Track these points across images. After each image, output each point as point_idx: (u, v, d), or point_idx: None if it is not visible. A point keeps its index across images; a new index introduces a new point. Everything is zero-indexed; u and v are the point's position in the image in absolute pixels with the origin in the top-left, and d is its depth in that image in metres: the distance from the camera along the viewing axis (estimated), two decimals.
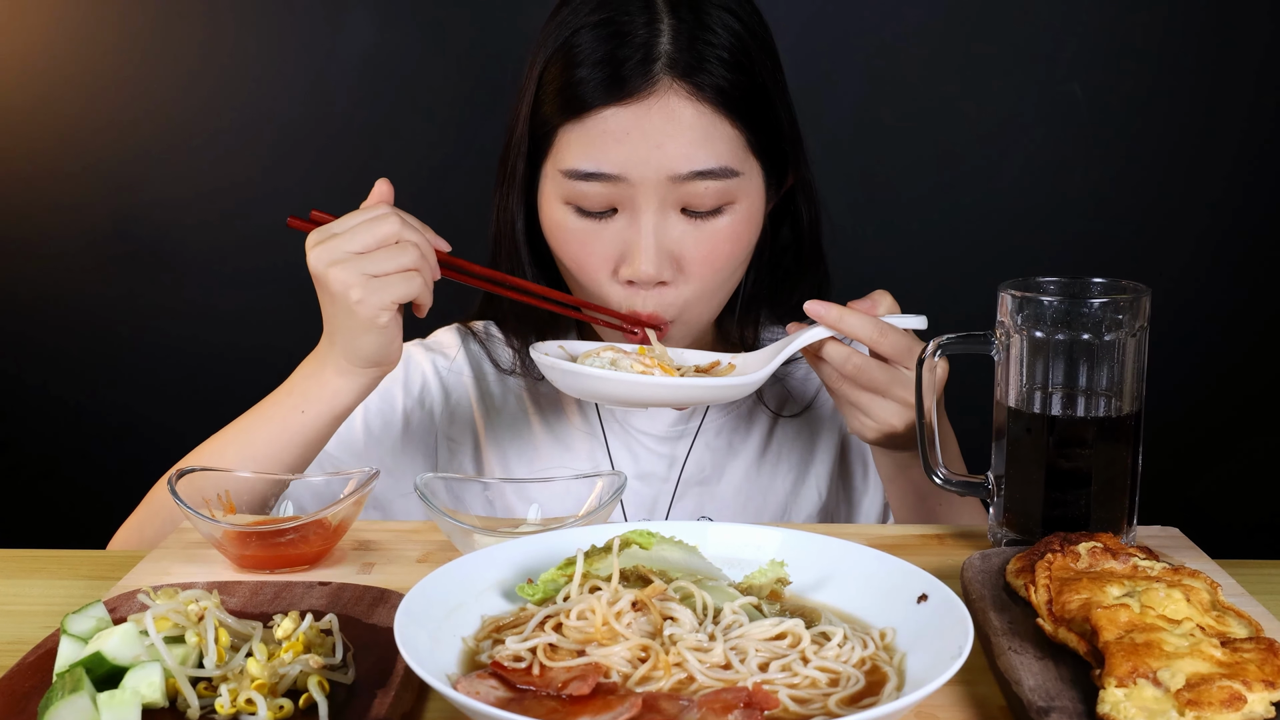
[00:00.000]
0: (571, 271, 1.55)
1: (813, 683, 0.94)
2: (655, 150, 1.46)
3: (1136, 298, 1.21)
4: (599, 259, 1.51)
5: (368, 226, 1.38)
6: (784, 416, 1.72)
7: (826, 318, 1.38)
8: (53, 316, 2.55)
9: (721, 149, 1.48)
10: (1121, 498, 1.24)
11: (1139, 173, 2.48)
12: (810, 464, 1.72)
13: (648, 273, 1.48)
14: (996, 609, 1.08)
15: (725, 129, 1.48)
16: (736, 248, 1.53)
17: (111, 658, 0.94)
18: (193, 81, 2.46)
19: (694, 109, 1.47)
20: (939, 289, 2.42)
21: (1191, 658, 0.91)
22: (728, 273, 1.55)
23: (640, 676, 0.93)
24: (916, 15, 2.44)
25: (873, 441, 1.46)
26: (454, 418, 1.70)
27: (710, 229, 1.50)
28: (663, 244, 1.49)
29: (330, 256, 1.37)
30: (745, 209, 1.52)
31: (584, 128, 1.48)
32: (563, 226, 1.52)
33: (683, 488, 1.68)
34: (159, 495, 1.52)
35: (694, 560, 1.09)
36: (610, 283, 1.52)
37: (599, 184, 1.47)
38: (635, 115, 1.46)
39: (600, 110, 1.47)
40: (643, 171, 1.46)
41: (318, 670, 0.95)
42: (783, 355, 1.41)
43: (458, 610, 1.03)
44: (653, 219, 1.48)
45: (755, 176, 1.53)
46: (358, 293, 1.35)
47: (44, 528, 2.58)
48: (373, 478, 1.30)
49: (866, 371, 1.39)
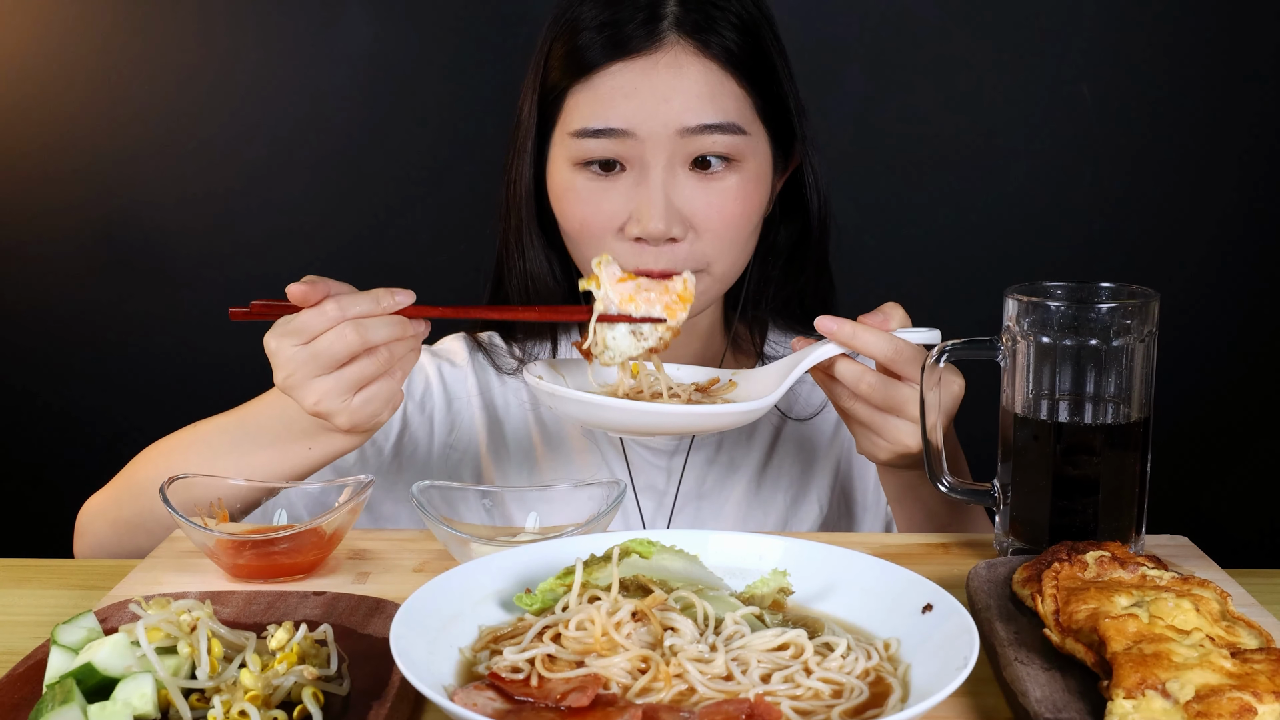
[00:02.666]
0: (575, 236, 1.53)
1: (816, 694, 0.93)
2: (663, 104, 1.45)
3: (1145, 302, 1.21)
4: (605, 217, 1.50)
5: (327, 346, 1.26)
6: (792, 419, 1.70)
7: (839, 334, 1.33)
8: (41, 322, 2.54)
9: (729, 105, 1.48)
10: (1130, 506, 1.23)
11: (1148, 175, 2.46)
12: (811, 477, 1.71)
13: (657, 228, 1.46)
14: (1003, 619, 1.08)
15: (732, 88, 1.49)
16: (745, 207, 1.51)
17: (102, 669, 0.93)
18: (185, 84, 2.45)
19: (701, 65, 1.47)
20: (944, 294, 2.41)
21: (1201, 669, 0.90)
22: (738, 232, 1.52)
23: (640, 688, 0.92)
24: (920, 16, 2.43)
25: (885, 462, 1.41)
26: (455, 426, 1.69)
27: (719, 187, 1.49)
28: (671, 200, 1.47)
29: (305, 393, 1.28)
30: (753, 171, 1.52)
31: (591, 87, 1.48)
32: (570, 187, 1.51)
33: (684, 501, 1.67)
34: (140, 473, 1.48)
35: (695, 570, 1.09)
36: (616, 242, 1.50)
37: (607, 140, 1.47)
38: (642, 70, 1.46)
39: (607, 67, 1.47)
40: (650, 126, 1.45)
41: (312, 682, 0.95)
42: (792, 377, 1.35)
43: (454, 620, 1.02)
44: (661, 175, 1.47)
45: (762, 142, 1.53)
46: (345, 419, 1.30)
47: (33, 537, 2.57)
48: (368, 486, 1.29)
49: (881, 390, 1.34)
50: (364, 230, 2.44)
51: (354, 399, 1.29)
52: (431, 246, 2.39)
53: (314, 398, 1.28)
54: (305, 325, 1.26)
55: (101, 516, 1.50)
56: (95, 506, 1.52)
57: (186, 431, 1.49)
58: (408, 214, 2.44)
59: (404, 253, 2.42)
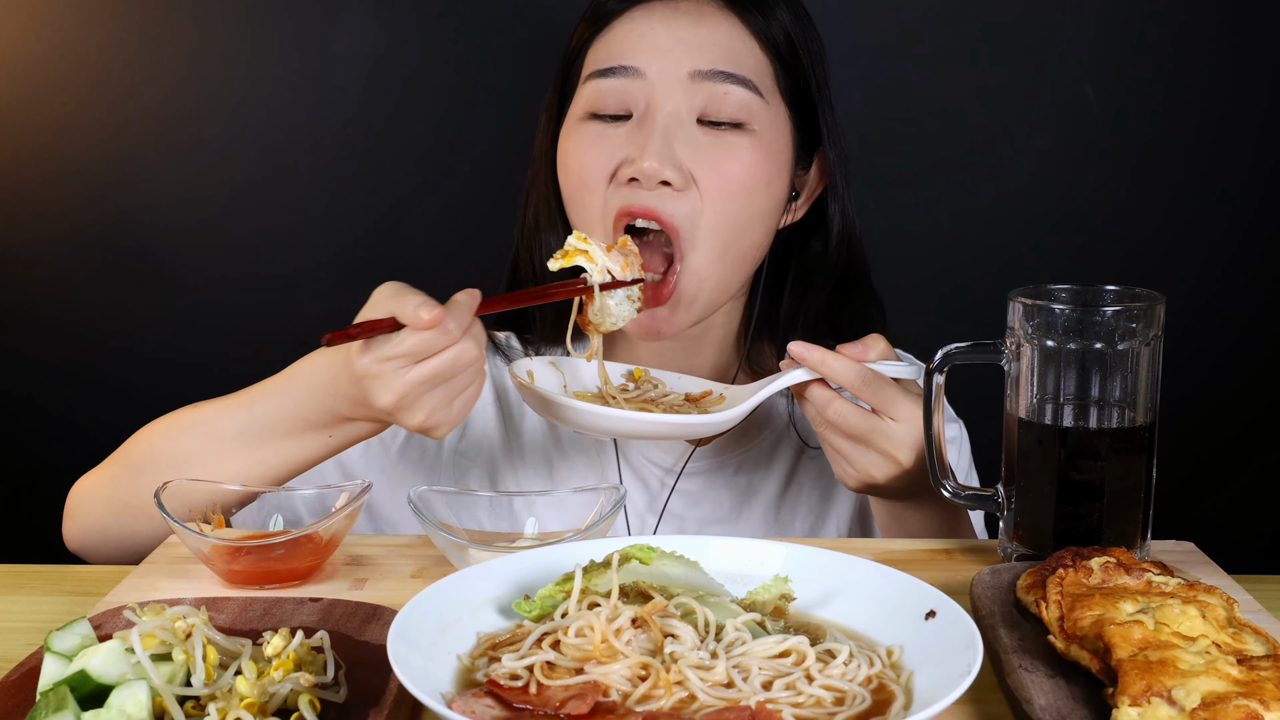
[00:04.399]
0: (573, 194, 1.49)
1: (818, 701, 0.92)
2: (678, 44, 1.43)
3: (1150, 305, 1.20)
4: (603, 162, 1.45)
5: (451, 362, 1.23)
6: (811, 447, 1.68)
7: (808, 360, 1.34)
8: (36, 326, 2.53)
9: (747, 63, 1.45)
10: (1135, 511, 1.23)
11: (1153, 176, 2.45)
12: (831, 505, 1.69)
13: (651, 166, 1.41)
14: (1006, 626, 1.07)
15: (755, 50, 1.46)
16: (752, 173, 1.46)
17: (96, 676, 0.93)
18: (182, 83, 2.44)
19: (726, 19, 1.45)
20: (947, 296, 2.40)
21: (1207, 676, 0.90)
22: (735, 200, 1.46)
23: (640, 695, 0.92)
24: (923, 15, 2.43)
25: (855, 489, 1.42)
26: (466, 431, 1.66)
27: (725, 143, 1.45)
28: (671, 145, 1.43)
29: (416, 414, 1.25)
30: (766, 141, 1.47)
31: (610, 33, 1.47)
32: (574, 137, 1.48)
33: (700, 526, 1.64)
34: (137, 451, 1.44)
35: (695, 576, 1.08)
36: (610, 191, 1.46)
37: (616, 79, 1.44)
38: (663, 15, 1.44)
39: (628, 13, 1.45)
40: (662, 65, 1.42)
41: (308, 689, 0.94)
42: (760, 395, 1.38)
43: (452, 627, 1.02)
44: (666, 118, 1.43)
45: (781, 116, 1.49)
46: (446, 428, 1.27)
47: (27, 543, 2.56)
48: (365, 490, 1.29)
49: (846, 419, 1.35)
50: (363, 232, 2.44)
51: (454, 407, 1.26)
52: (430, 248, 2.38)
53: (423, 415, 1.24)
54: (427, 345, 1.21)
55: (95, 497, 1.46)
56: (88, 486, 1.47)
57: (187, 412, 1.43)
58: (407, 216, 2.43)
59: (403, 255, 2.42)
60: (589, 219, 1.48)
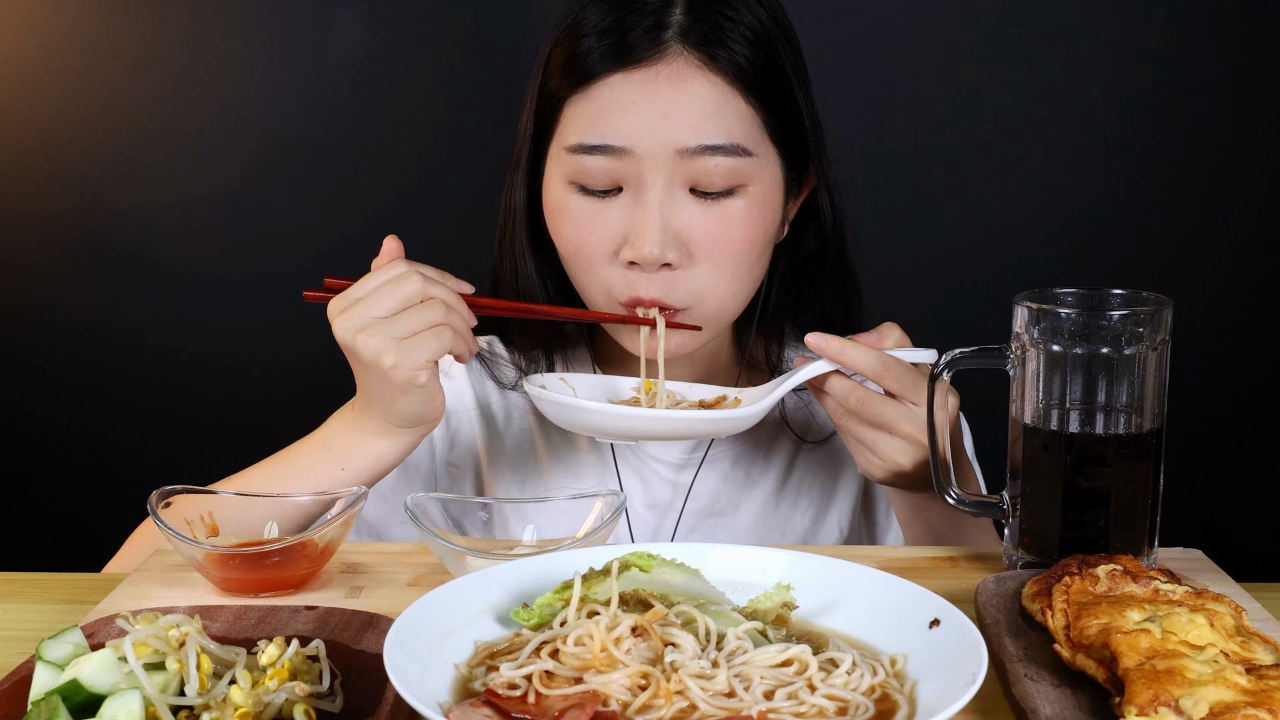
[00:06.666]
0: (569, 257, 1.50)
1: (820, 711, 0.92)
2: (662, 120, 1.40)
3: (1158, 309, 1.19)
4: (600, 239, 1.45)
5: (390, 288, 1.33)
6: (808, 443, 1.68)
7: (827, 350, 1.34)
8: (27, 329, 2.53)
9: (734, 125, 1.43)
10: (1142, 518, 1.22)
11: (1161, 179, 2.45)
12: (833, 497, 1.68)
13: (651, 252, 1.41)
14: (1012, 634, 1.06)
15: (739, 105, 1.43)
16: (749, 233, 1.46)
17: (89, 685, 0.92)
18: (174, 85, 2.44)
19: (706, 80, 1.42)
20: (952, 300, 2.40)
21: (1215, 685, 0.90)
22: (739, 261, 1.47)
23: (640, 705, 0.91)
24: (928, 17, 2.42)
25: (881, 480, 1.41)
26: (455, 442, 1.66)
27: (720, 211, 1.44)
28: (669, 223, 1.42)
29: (357, 324, 1.33)
30: (760, 194, 1.46)
31: (589, 98, 1.43)
32: (564, 208, 1.47)
33: (696, 519, 1.64)
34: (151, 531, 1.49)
35: (696, 584, 1.08)
36: (610, 266, 1.46)
37: (603, 158, 1.42)
38: (643, 83, 1.41)
39: (606, 78, 1.42)
40: (649, 143, 1.40)
41: (304, 698, 0.94)
42: (781, 390, 1.38)
43: (450, 636, 1.01)
44: (659, 196, 1.42)
45: (772, 163, 1.47)
46: (390, 358, 1.31)
47: (18, 550, 2.55)
48: (360, 498, 1.28)
49: (870, 406, 1.35)
50: (354, 234, 2.43)
51: (403, 340, 1.32)
52: (423, 251, 2.38)
53: (375, 342, 1.32)
54: (373, 275, 1.34)
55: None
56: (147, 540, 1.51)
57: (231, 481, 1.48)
58: (399, 218, 2.43)
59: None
60: (592, 293, 1.50)
